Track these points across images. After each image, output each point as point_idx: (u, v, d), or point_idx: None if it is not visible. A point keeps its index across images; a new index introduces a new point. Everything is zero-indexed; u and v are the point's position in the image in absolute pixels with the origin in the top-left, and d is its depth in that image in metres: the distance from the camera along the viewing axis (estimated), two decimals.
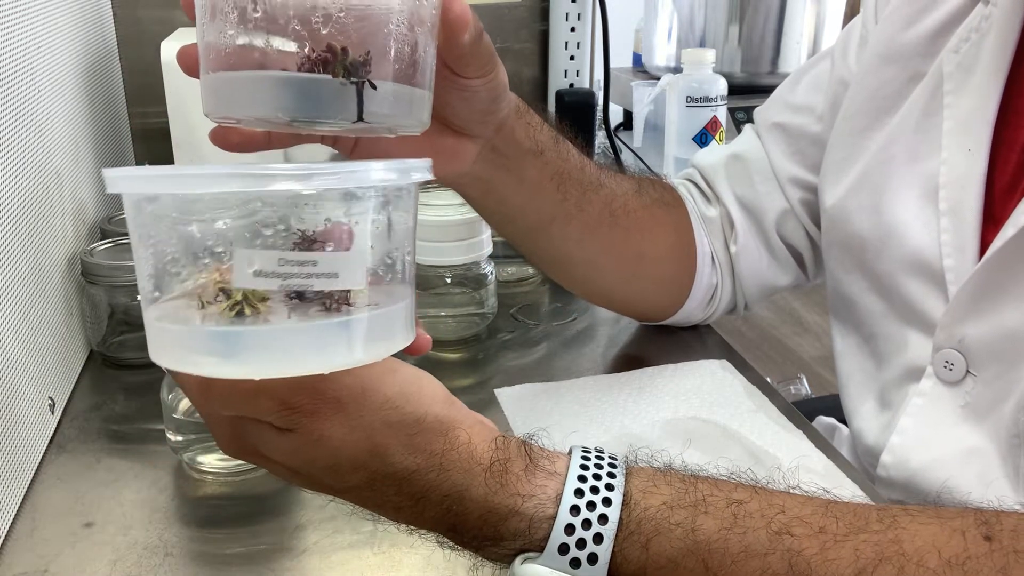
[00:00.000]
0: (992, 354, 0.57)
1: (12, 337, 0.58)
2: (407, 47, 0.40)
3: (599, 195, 0.67)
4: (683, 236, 0.74)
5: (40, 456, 0.63)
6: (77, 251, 0.75)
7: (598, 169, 0.68)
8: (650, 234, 0.72)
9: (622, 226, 0.69)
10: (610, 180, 0.69)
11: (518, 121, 0.60)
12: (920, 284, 0.61)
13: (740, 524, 0.41)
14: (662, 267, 0.74)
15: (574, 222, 0.67)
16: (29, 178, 0.65)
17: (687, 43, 1.77)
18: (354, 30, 0.38)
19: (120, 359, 0.75)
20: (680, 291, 0.75)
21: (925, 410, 0.61)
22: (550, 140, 0.63)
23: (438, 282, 0.79)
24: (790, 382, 1.50)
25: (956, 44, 0.61)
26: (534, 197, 0.64)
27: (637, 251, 0.72)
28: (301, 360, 0.34)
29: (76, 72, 0.82)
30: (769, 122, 0.76)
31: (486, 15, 1.06)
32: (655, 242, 0.73)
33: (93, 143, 0.86)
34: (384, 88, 0.39)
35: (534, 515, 0.41)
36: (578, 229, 0.67)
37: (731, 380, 0.72)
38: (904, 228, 0.62)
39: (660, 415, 0.67)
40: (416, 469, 0.40)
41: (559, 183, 0.64)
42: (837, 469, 0.61)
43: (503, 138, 0.59)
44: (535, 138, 0.62)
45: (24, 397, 0.60)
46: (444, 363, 0.78)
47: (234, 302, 0.34)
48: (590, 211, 0.67)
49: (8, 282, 0.59)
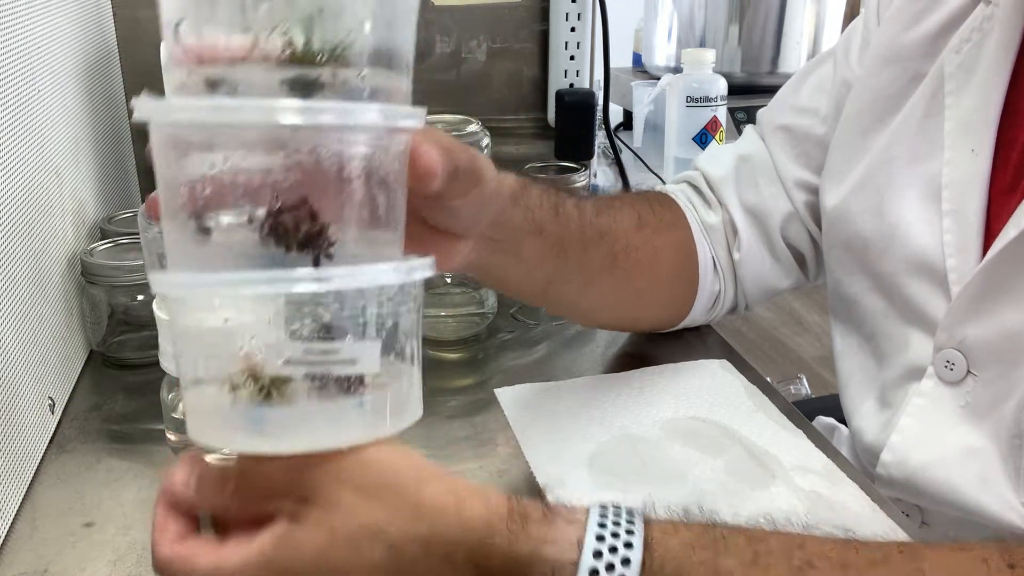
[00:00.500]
0: (993, 354, 0.57)
1: (12, 337, 0.58)
2: (367, 210, 0.38)
3: (600, 247, 0.66)
4: (685, 255, 0.73)
5: (40, 456, 0.63)
6: (77, 251, 0.75)
7: (598, 213, 0.66)
8: (651, 267, 0.71)
9: (623, 268, 0.68)
10: (611, 222, 0.67)
11: (515, 208, 0.57)
12: (923, 284, 0.61)
13: (762, 561, 0.40)
14: (664, 291, 0.74)
15: (574, 279, 0.65)
16: (29, 178, 0.65)
17: (687, 43, 1.77)
18: (308, 193, 0.36)
19: (120, 359, 0.75)
20: (683, 306, 0.75)
21: (925, 410, 0.61)
22: (549, 214, 0.60)
23: (438, 282, 0.79)
24: (790, 382, 1.50)
25: (957, 44, 0.61)
26: (533, 270, 0.62)
27: (638, 287, 0.71)
28: (323, 437, 0.38)
29: (76, 72, 0.82)
30: (774, 125, 0.75)
31: (486, 15, 1.07)
32: (656, 272, 0.72)
33: (93, 143, 0.86)
34: (343, 251, 0.37)
35: (557, 560, 0.40)
36: (579, 284, 0.66)
37: (731, 380, 0.72)
38: (907, 228, 0.62)
39: (660, 415, 0.67)
40: (436, 524, 0.39)
41: (559, 251, 0.62)
42: (837, 469, 0.61)
43: (498, 228, 0.56)
44: (533, 219, 0.59)
45: (24, 397, 0.60)
46: (444, 363, 0.78)
47: (262, 386, 0.37)
48: (591, 265, 0.66)
49: (8, 282, 0.59)
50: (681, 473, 0.61)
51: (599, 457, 0.62)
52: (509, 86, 1.10)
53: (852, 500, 0.58)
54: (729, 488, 0.59)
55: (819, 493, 0.58)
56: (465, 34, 1.07)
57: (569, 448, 0.63)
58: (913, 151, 0.63)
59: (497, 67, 1.09)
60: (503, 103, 1.12)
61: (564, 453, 0.63)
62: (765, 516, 0.45)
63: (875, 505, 0.57)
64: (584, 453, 0.63)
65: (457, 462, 0.63)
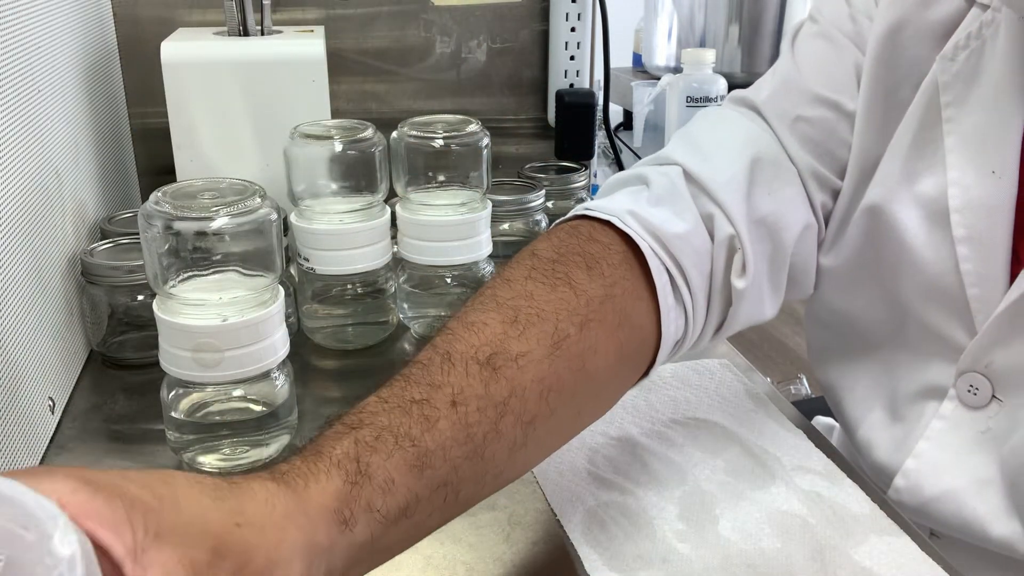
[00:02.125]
0: (1022, 380, 0.55)
1: (12, 337, 0.58)
2: None
3: (502, 437, 0.45)
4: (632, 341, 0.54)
5: (40, 456, 0.63)
6: (77, 251, 0.75)
7: (489, 382, 0.45)
8: (580, 372, 0.50)
9: (543, 426, 0.48)
10: (510, 384, 0.46)
11: (352, 547, 0.39)
12: (940, 312, 0.58)
13: None
14: (602, 394, 0.54)
15: (488, 482, 0.46)
16: (29, 178, 0.65)
17: (687, 43, 1.77)
18: None
19: (120, 359, 0.75)
20: (634, 374, 0.57)
21: (945, 434, 0.59)
22: (405, 496, 0.41)
23: (438, 282, 0.79)
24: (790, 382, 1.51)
25: (952, 51, 0.57)
26: (421, 533, 0.43)
27: (565, 418, 0.51)
28: None
29: (76, 72, 0.82)
30: (792, 115, 0.62)
31: (486, 15, 1.07)
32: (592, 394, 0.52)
33: (93, 143, 0.86)
34: None
35: None
36: (492, 481, 0.47)
37: (731, 380, 0.72)
38: (917, 254, 0.58)
39: (660, 415, 0.67)
40: None
41: (445, 494, 0.43)
42: (837, 469, 0.61)
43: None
44: (387, 519, 0.40)
45: (24, 397, 0.60)
46: None
47: None
48: (498, 457, 0.45)
49: (8, 282, 0.59)
50: (681, 473, 0.61)
51: (599, 457, 0.62)
52: (509, 86, 1.11)
53: (852, 500, 0.58)
54: (729, 488, 0.59)
55: (819, 493, 0.58)
56: (465, 34, 1.07)
57: (569, 448, 0.63)
58: (909, 168, 0.59)
59: (497, 67, 1.09)
60: (503, 103, 1.12)
61: (564, 453, 0.63)
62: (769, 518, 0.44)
63: (875, 505, 0.57)
64: (584, 453, 0.63)
65: None
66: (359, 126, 0.76)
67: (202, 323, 0.57)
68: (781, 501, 0.58)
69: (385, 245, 0.77)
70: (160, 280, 0.58)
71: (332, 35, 1.01)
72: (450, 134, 0.75)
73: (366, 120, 0.77)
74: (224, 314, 0.57)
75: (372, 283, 0.78)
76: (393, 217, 0.78)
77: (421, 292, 0.80)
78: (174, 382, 0.61)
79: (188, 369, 0.58)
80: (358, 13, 1.04)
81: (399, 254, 0.80)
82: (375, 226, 0.75)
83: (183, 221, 0.56)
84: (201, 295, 0.57)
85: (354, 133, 0.74)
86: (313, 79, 0.84)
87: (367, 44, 1.05)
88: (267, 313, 0.59)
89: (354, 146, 0.73)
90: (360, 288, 0.78)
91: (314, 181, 0.75)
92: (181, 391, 0.61)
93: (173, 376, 0.60)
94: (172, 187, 0.59)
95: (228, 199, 0.58)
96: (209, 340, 0.57)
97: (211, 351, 0.57)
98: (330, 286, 0.78)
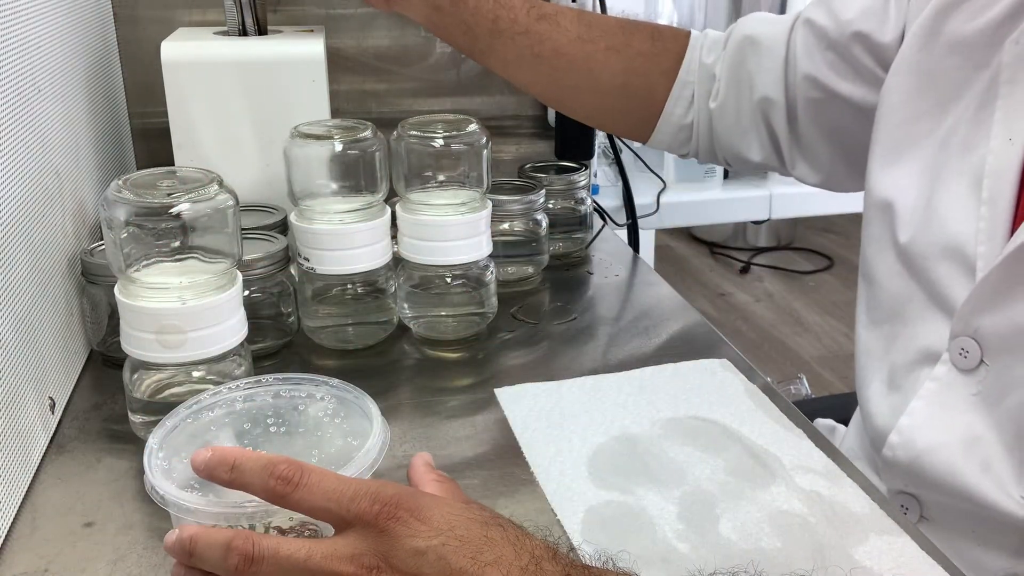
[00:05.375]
0: (1006, 346, 0.58)
1: (12, 337, 0.58)
2: None
3: (515, 41, 0.80)
4: (637, 77, 0.83)
5: (40, 456, 0.63)
6: (77, 251, 0.75)
7: (532, 17, 0.80)
8: (586, 72, 0.82)
9: (549, 64, 0.81)
10: (551, 28, 0.81)
11: None
12: (951, 268, 0.62)
13: None
14: (608, 99, 0.84)
15: (490, 62, 0.84)
16: (29, 178, 0.65)
17: None
18: None
19: (120, 359, 0.75)
20: (642, 121, 0.85)
21: (937, 394, 0.62)
22: None
23: (438, 282, 0.79)
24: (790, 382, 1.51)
25: (1018, 35, 0.61)
26: (445, 37, 0.85)
27: (568, 84, 0.83)
28: None
29: (76, 72, 0.82)
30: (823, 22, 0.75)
31: None
32: (595, 78, 0.82)
33: (93, 143, 0.86)
34: None
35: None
36: (496, 66, 0.84)
37: (731, 380, 0.72)
38: (947, 213, 0.62)
39: (660, 415, 0.67)
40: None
41: (465, 31, 0.81)
42: (837, 469, 0.61)
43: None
44: None
45: (24, 397, 0.60)
46: (444, 363, 0.78)
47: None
48: (502, 53, 0.81)
49: (8, 282, 0.59)
50: (681, 473, 0.61)
51: (599, 457, 0.62)
52: (509, 86, 1.10)
53: (852, 500, 0.58)
54: (729, 488, 0.59)
55: (819, 493, 0.58)
56: None
57: (569, 448, 0.63)
58: (967, 140, 0.63)
59: None
60: (503, 103, 1.12)
61: (564, 453, 0.63)
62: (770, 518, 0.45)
63: (875, 504, 0.57)
64: (584, 453, 0.63)
65: (457, 462, 0.63)
66: (359, 126, 0.76)
67: (163, 306, 0.60)
68: (781, 501, 0.58)
69: (385, 245, 0.77)
70: (122, 265, 0.60)
71: (332, 35, 1.01)
72: (450, 134, 0.76)
73: (366, 120, 0.77)
74: (183, 297, 0.60)
75: (372, 283, 0.78)
76: (393, 217, 0.78)
77: (421, 292, 0.80)
78: (137, 364, 0.63)
79: (150, 351, 0.61)
80: (358, 13, 1.04)
81: (399, 254, 0.80)
82: (375, 226, 0.75)
83: (143, 208, 0.58)
84: (162, 279, 0.60)
85: (354, 133, 0.74)
86: (313, 79, 0.84)
87: (367, 44, 1.05)
88: (226, 296, 0.62)
89: (354, 146, 0.74)
90: (360, 288, 0.78)
91: (314, 181, 0.75)
92: (144, 372, 0.63)
93: (136, 358, 0.62)
94: (133, 175, 0.62)
95: (187, 186, 0.60)
96: (173, 322, 0.60)
97: (175, 332, 0.60)
98: (330, 286, 0.78)
